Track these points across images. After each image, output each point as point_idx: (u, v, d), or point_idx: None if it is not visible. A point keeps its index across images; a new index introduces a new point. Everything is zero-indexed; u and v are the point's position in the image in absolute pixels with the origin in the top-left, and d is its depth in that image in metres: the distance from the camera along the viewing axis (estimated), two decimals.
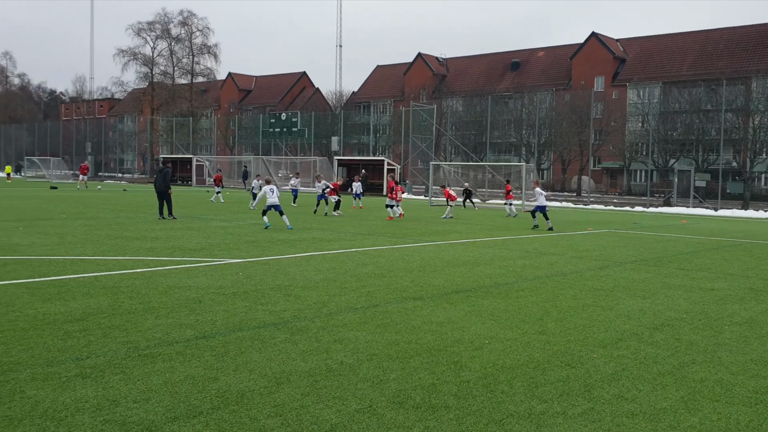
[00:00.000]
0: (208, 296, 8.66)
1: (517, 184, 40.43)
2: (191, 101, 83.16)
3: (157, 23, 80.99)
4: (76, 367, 5.52)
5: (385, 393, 5.16)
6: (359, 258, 12.98)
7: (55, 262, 11.21)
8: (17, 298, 8.12)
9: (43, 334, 6.53)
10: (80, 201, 29.85)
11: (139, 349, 6.13)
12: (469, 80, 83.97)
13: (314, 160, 57.36)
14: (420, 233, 18.83)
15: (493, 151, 66.45)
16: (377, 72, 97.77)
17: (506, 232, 20.40)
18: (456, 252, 14.53)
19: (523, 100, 67.62)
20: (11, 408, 4.59)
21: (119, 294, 8.60)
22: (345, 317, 7.68)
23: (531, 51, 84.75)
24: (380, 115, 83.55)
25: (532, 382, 5.54)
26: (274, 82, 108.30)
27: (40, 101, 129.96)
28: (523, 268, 12.35)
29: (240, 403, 4.84)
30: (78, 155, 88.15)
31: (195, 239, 15.34)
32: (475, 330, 7.27)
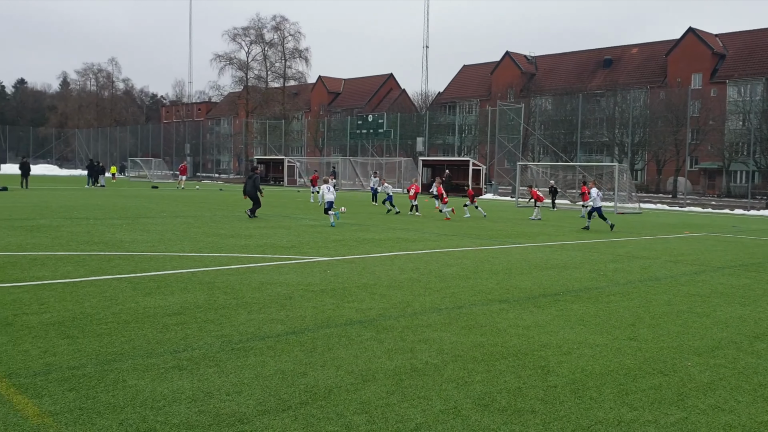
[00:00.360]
0: (297, 293, 8.89)
1: (610, 185, 39.23)
2: (283, 104, 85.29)
3: (251, 29, 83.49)
4: (174, 359, 5.80)
5: (470, 395, 5.15)
6: (444, 259, 12.97)
7: (156, 258, 11.80)
8: (120, 292, 8.61)
9: (143, 326, 6.90)
10: (179, 200, 31.22)
11: (233, 342, 6.38)
12: (559, 78, 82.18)
13: (399, 160, 57.66)
14: (506, 235, 18.61)
15: (583, 151, 64.72)
16: (464, 72, 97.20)
17: (597, 235, 19.86)
18: (544, 254, 14.29)
19: (615, 98, 65.54)
20: (115, 396, 4.88)
21: (214, 289, 8.97)
22: (430, 317, 7.71)
23: (624, 47, 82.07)
24: (466, 115, 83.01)
25: (622, 389, 5.39)
26: (361, 85, 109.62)
27: (142, 105, 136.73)
28: (615, 272, 12.00)
29: (327, 399, 4.95)
30: (177, 156, 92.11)
31: (286, 237, 15.76)
32: (563, 334, 7.14)
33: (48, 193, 34.30)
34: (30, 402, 4.68)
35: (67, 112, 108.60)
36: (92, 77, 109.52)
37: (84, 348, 6.03)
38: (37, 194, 32.15)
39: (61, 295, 8.25)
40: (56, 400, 4.73)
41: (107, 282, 9.28)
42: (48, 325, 6.76)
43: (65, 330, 6.62)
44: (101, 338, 6.37)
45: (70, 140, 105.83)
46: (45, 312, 7.34)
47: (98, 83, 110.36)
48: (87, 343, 6.17)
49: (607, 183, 42.77)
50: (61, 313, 7.34)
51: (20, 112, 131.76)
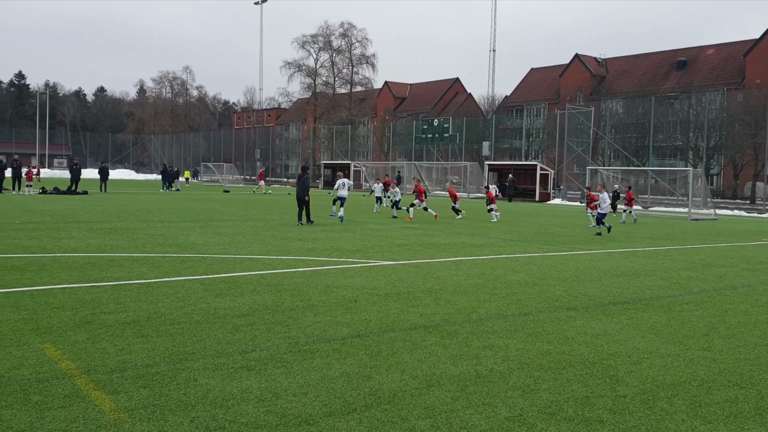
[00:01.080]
0: (362, 296, 8.97)
1: (684, 190, 37.95)
2: (350, 109, 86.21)
3: (319, 36, 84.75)
4: (242, 359, 5.94)
5: (536, 403, 5.08)
6: (510, 264, 12.83)
7: (226, 260, 12.11)
8: (192, 293, 8.88)
9: (214, 327, 7.09)
10: (249, 204, 31.94)
11: (299, 344, 6.49)
12: (630, 81, 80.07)
13: (465, 165, 57.34)
14: (575, 241, 18.24)
15: (656, 155, 62.83)
16: (531, 75, 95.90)
17: (669, 241, 19.24)
18: (614, 261, 13.94)
19: (690, 100, 63.26)
20: (186, 394, 5.04)
21: (282, 291, 9.14)
22: (495, 324, 7.64)
23: (699, 48, 79.25)
24: (534, 119, 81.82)
25: (695, 401, 5.21)
26: (427, 89, 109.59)
27: (215, 111, 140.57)
28: (688, 280, 11.60)
29: (392, 403, 4.98)
30: (248, 161, 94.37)
31: (351, 241, 15.91)
32: (633, 343, 6.96)
33: (125, 196, 35.69)
34: (107, 398, 4.89)
35: (143, 119, 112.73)
36: (167, 85, 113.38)
37: (158, 347, 6.25)
38: (115, 198, 33.50)
39: (137, 296, 8.58)
40: (131, 397, 4.93)
41: (180, 283, 9.59)
42: (124, 324, 7.04)
43: (140, 329, 6.88)
44: (174, 338, 6.59)
45: (146, 146, 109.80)
46: (122, 311, 7.65)
47: (173, 91, 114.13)
48: (160, 342, 6.40)
49: (681, 188, 41.40)
50: (136, 312, 7.63)
51: (100, 119, 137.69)
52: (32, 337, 6.46)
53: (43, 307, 7.73)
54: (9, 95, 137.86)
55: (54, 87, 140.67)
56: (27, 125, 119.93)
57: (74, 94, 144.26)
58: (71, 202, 28.46)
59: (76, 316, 7.33)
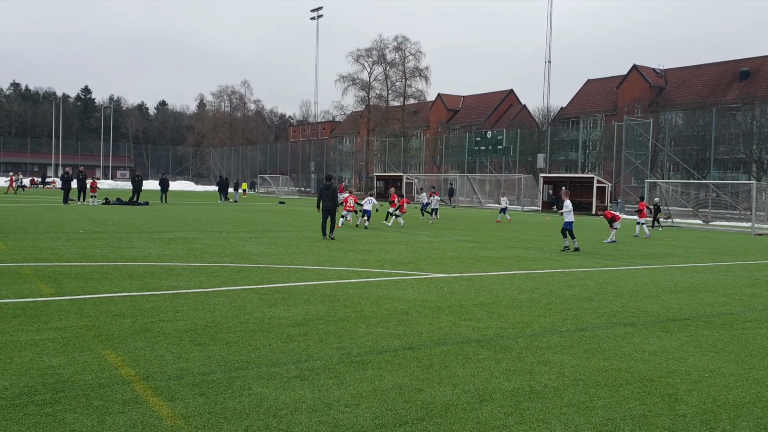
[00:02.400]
0: (414, 308, 8.96)
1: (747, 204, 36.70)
2: (403, 122, 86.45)
3: (374, 49, 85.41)
4: (296, 369, 6.01)
5: (592, 420, 4.98)
6: (565, 279, 12.62)
7: (281, 270, 12.28)
8: (248, 302, 9.03)
9: (268, 336, 7.19)
10: (303, 215, 32.30)
11: (352, 355, 6.52)
12: (690, 92, 78.00)
13: (519, 177, 56.77)
14: (632, 255, 17.83)
15: (717, 168, 60.91)
16: (587, 86, 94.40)
17: (731, 257, 18.61)
18: (673, 277, 13.56)
19: (753, 112, 61.20)
20: (241, 402, 5.12)
21: (335, 302, 9.21)
22: (549, 339, 7.52)
23: (763, 58, 76.61)
24: (590, 131, 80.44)
25: (760, 423, 5.02)
26: (480, 101, 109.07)
27: (271, 124, 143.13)
28: (752, 297, 11.19)
29: (444, 416, 4.95)
30: (303, 173, 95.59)
31: (403, 253, 15.92)
32: (693, 361, 6.75)
33: (184, 207, 36.57)
34: (165, 404, 5.00)
35: (203, 132, 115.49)
36: (226, 99, 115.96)
37: (214, 355, 6.37)
38: (175, 209, 34.36)
39: (194, 304, 8.77)
40: (188, 404, 5.03)
41: (236, 292, 9.76)
42: (182, 332, 7.21)
43: (197, 337, 7.02)
44: (230, 346, 6.70)
45: (206, 158, 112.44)
46: (179, 320, 7.83)
47: (231, 104, 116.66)
48: (217, 351, 6.52)
49: (744, 202, 40.04)
50: (194, 321, 7.80)
51: (161, 132, 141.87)
52: (94, 343, 6.67)
53: (104, 315, 7.97)
54: (75, 109, 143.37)
55: (118, 101, 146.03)
56: (92, 138, 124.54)
57: (137, 108, 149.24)
58: (133, 212, 29.34)
59: (136, 324, 7.54)
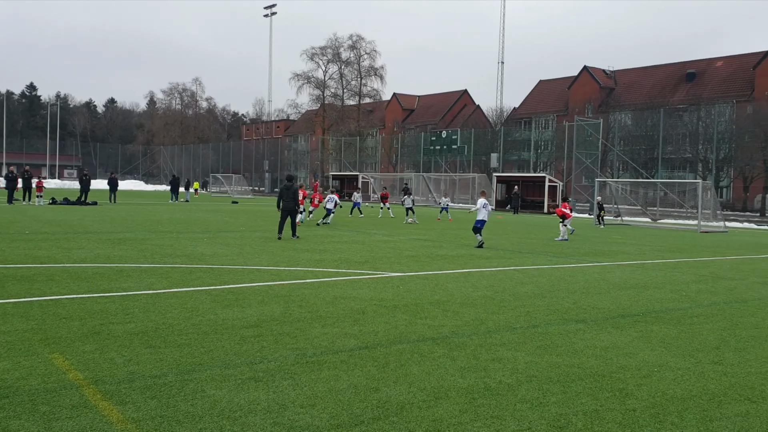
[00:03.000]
0: (370, 308, 8.95)
1: (693, 203, 37.78)
2: (358, 121, 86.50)
3: (328, 48, 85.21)
4: (250, 371, 5.93)
5: (545, 416, 5.05)
6: (518, 277, 12.79)
7: (235, 271, 12.13)
8: (201, 304, 8.89)
9: (221, 338, 7.09)
10: (257, 215, 32.00)
11: (307, 356, 6.47)
12: (639, 93, 79.96)
13: (473, 176, 57.35)
14: (583, 253, 18.17)
15: (665, 168, 62.55)
16: (539, 87, 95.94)
17: (679, 254, 19.14)
18: (623, 274, 13.87)
19: (699, 113, 63.10)
20: (194, 405, 5.03)
21: (290, 303, 9.13)
22: (504, 336, 7.61)
23: (708, 61, 79.11)
24: (542, 131, 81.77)
25: (706, 415, 5.16)
26: (435, 101, 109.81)
27: (224, 123, 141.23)
28: (698, 293, 11.52)
29: (399, 415, 4.95)
30: (257, 172, 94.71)
31: (359, 252, 15.90)
32: (642, 357, 6.91)
33: (134, 207, 35.83)
34: (115, 408, 4.88)
35: (153, 130, 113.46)
36: (177, 96, 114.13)
37: (166, 357, 6.25)
38: (124, 209, 33.64)
39: (145, 306, 8.59)
40: (139, 408, 4.92)
41: (188, 294, 9.60)
42: (132, 335, 7.05)
43: (148, 340, 6.88)
44: (182, 348, 6.59)
45: (156, 157, 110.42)
46: (130, 322, 7.66)
47: (183, 102, 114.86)
48: (168, 353, 6.40)
49: (691, 201, 41.22)
50: (144, 323, 7.64)
51: (110, 130, 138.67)
52: (41, 347, 6.47)
53: (51, 317, 7.74)
54: (20, 106, 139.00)
55: (65, 98, 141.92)
56: (38, 136, 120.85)
57: (85, 106, 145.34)
58: (81, 212, 28.61)
59: (85, 327, 7.34)
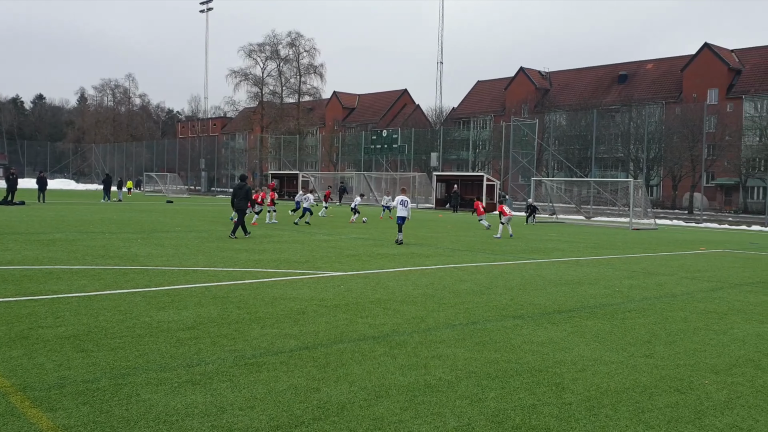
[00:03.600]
0: (311, 308, 8.89)
1: (625, 200, 39.01)
2: (298, 119, 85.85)
3: (267, 45, 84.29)
4: (187, 374, 5.81)
5: (484, 412, 5.11)
6: (458, 274, 12.93)
7: (170, 272, 11.85)
8: (135, 306, 8.65)
9: (157, 340, 6.91)
10: (193, 214, 31.39)
11: (246, 357, 6.38)
12: (573, 94, 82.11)
13: (414, 175, 57.75)
14: (520, 250, 18.53)
15: (598, 167, 64.47)
16: (478, 87, 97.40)
17: (612, 251, 19.73)
18: (558, 270, 14.20)
19: (630, 113, 65.32)
20: (128, 410, 4.89)
21: (228, 304, 8.98)
22: (443, 333, 7.67)
23: (639, 63, 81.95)
24: (480, 131, 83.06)
25: (638, 407, 5.33)
26: (376, 100, 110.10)
27: (158, 120, 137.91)
28: (630, 288, 11.90)
29: (340, 415, 4.93)
30: (192, 171, 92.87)
31: (299, 252, 15.78)
32: (578, 351, 7.08)
33: (64, 207, 34.62)
34: (44, 415, 4.70)
35: (84, 128, 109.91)
36: (109, 93, 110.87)
37: (98, 362, 6.05)
38: (54, 208, 32.47)
39: (77, 309, 8.31)
40: (70, 414, 4.75)
41: (122, 296, 9.33)
42: (63, 339, 6.80)
43: (80, 344, 6.65)
44: (115, 352, 6.39)
45: (87, 155, 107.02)
46: (60, 326, 7.38)
47: (115, 99, 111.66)
48: (101, 357, 6.20)
49: (622, 199, 42.57)
50: (76, 326, 7.38)
51: (38, 127, 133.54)
52: None
53: None
54: None
55: None
56: None
57: (11, 102, 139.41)
58: (7, 213, 27.45)
59: (12, 331, 7.04)
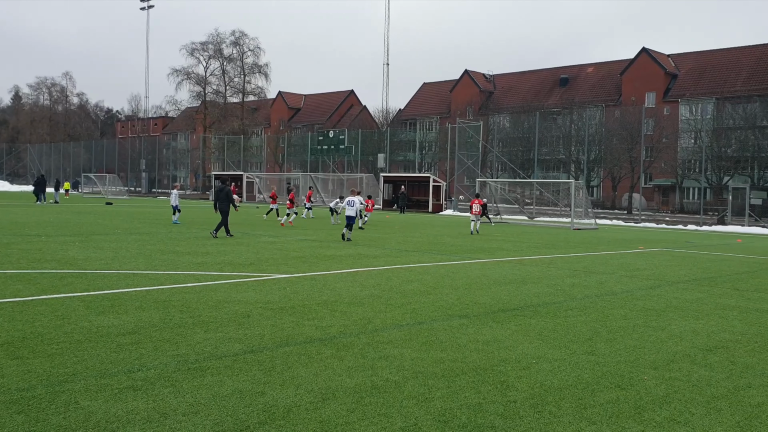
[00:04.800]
0: (256, 311, 8.78)
1: (566, 201, 39.88)
2: (242, 119, 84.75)
3: (210, 43, 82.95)
4: (128, 380, 5.65)
5: (431, 411, 5.13)
6: (405, 275, 12.98)
7: (110, 276, 11.53)
8: (73, 311, 8.37)
9: (96, 346, 6.71)
10: (134, 216, 30.64)
11: (189, 362, 6.25)
12: (516, 96, 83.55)
13: (361, 176, 57.76)
14: (466, 250, 18.73)
15: (541, 168, 65.77)
16: (424, 89, 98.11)
17: (554, 250, 20.13)
18: (503, 270, 14.41)
19: (572, 116, 66.89)
20: (66, 418, 4.73)
21: (170, 308, 8.79)
22: (390, 334, 7.68)
23: (580, 67, 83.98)
24: (426, 132, 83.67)
25: (581, 404, 5.44)
26: (322, 100, 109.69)
27: (97, 120, 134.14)
28: (572, 287, 12.16)
29: (286, 419, 4.88)
30: (133, 172, 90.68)
31: (244, 254, 15.58)
32: (522, 349, 7.19)
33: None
34: None
35: (18, 127, 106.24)
36: (45, 91, 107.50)
37: (34, 369, 5.83)
38: None
39: (11, 315, 7.99)
40: (4, 424, 4.56)
41: (59, 301, 9.03)
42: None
43: (14, 350, 6.40)
44: (52, 359, 6.17)
45: (22, 155, 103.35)
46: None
47: (51, 98, 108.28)
48: (37, 364, 5.98)
49: (564, 199, 43.51)
50: (10, 333, 7.10)
51: None
52: None
53: None
54: None
55: None
56: None
57: None
58: None
59: None
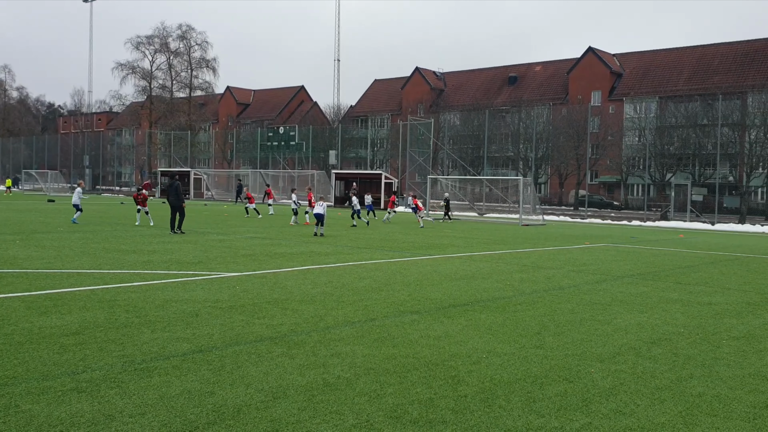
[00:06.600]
0: (204, 310, 8.64)
1: (515, 197, 40.45)
2: (189, 115, 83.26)
3: (155, 37, 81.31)
4: (72, 381, 5.49)
5: (383, 407, 5.13)
6: (356, 271, 12.97)
7: (52, 275, 11.19)
8: (13, 312, 8.09)
9: (38, 347, 6.50)
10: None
11: (135, 363, 6.10)
12: (466, 94, 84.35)
13: (312, 173, 57.48)
14: (417, 247, 18.82)
15: (490, 165, 66.57)
16: (375, 86, 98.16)
17: (503, 246, 20.41)
18: (453, 266, 14.53)
19: (520, 114, 67.87)
20: (6, 423, 4.56)
21: (115, 307, 8.58)
22: (342, 331, 7.66)
23: (528, 65, 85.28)
24: (378, 129, 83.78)
25: (530, 397, 5.52)
26: (272, 96, 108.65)
27: (38, 114, 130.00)
28: (521, 282, 12.34)
29: (236, 418, 4.81)
30: (76, 168, 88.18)
31: (192, 253, 15.31)
32: (472, 344, 7.25)
33: None
34: None
35: None
36: None
37: None
38: None
39: None
40: None
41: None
42: None
43: None
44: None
45: None
46: None
47: None
48: None
49: (513, 196, 44.14)
50: None
51: None
52: None
53: None
54: None
55: None
56: None
57: None
58: None
59: None
